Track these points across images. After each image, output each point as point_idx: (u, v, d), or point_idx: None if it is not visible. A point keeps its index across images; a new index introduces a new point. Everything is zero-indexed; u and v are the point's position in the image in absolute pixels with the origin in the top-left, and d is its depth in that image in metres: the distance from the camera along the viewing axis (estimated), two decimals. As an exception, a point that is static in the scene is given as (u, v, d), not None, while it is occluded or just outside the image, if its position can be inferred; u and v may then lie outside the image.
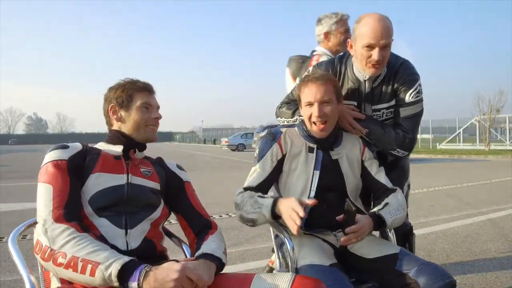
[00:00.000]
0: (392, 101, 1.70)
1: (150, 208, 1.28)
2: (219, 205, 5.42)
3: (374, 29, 1.50)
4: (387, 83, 1.68)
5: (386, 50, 1.55)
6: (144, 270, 1.01)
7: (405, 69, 1.68)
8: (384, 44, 1.52)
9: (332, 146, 1.56)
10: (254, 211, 1.40)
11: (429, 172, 10.48)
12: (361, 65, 1.61)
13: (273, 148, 1.53)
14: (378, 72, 1.62)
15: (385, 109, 1.72)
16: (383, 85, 1.68)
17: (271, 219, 1.38)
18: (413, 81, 1.66)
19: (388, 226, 1.44)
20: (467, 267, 2.88)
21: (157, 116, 1.36)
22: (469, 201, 5.63)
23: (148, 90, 1.35)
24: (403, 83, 1.66)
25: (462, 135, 22.52)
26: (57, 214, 1.09)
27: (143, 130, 1.33)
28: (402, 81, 1.66)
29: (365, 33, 1.52)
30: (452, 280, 1.24)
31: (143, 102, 1.32)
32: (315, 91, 1.45)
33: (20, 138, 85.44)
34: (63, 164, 1.19)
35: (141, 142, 1.35)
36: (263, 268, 2.70)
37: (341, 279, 1.27)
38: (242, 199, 1.46)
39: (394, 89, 1.68)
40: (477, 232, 3.91)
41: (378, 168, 1.60)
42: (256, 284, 1.11)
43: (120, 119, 1.33)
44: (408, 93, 1.65)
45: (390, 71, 1.66)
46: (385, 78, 1.67)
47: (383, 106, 1.72)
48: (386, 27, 1.52)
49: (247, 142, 25.51)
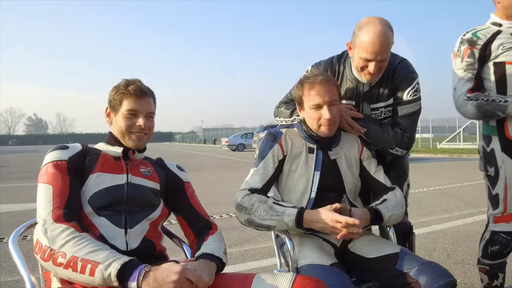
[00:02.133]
0: (390, 99, 1.71)
1: (149, 208, 1.28)
2: (219, 205, 5.42)
3: (373, 45, 1.49)
4: (385, 82, 1.69)
5: (383, 62, 1.56)
6: (143, 270, 1.01)
7: (403, 68, 1.68)
8: (382, 58, 1.53)
9: (331, 146, 1.56)
10: (272, 218, 1.39)
11: (429, 171, 10.48)
12: (357, 71, 1.63)
13: (274, 148, 1.53)
14: (373, 80, 1.64)
15: (383, 107, 1.73)
16: (381, 84, 1.69)
17: (295, 227, 1.39)
18: (411, 80, 1.66)
19: (385, 221, 1.43)
20: (468, 266, 2.88)
21: (141, 124, 1.28)
22: (469, 200, 5.63)
23: (138, 95, 1.28)
24: (401, 82, 1.66)
25: (462, 134, 22.50)
26: (57, 214, 1.09)
27: (127, 137, 1.29)
28: (400, 79, 1.67)
29: (363, 46, 1.51)
30: (452, 279, 1.24)
31: (128, 108, 1.27)
32: (323, 93, 1.45)
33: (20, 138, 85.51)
34: (63, 165, 1.19)
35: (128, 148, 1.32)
36: (264, 268, 2.70)
37: (342, 278, 1.27)
38: (251, 203, 1.42)
39: (392, 88, 1.69)
40: (477, 231, 3.90)
41: (377, 167, 1.60)
42: (257, 284, 1.11)
43: (112, 122, 1.32)
44: (406, 91, 1.66)
45: (388, 70, 1.66)
46: (383, 77, 1.68)
47: (381, 105, 1.73)
48: (385, 43, 1.50)
49: (247, 142, 25.49)
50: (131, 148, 1.32)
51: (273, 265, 2.85)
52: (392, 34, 1.54)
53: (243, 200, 1.44)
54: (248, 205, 1.42)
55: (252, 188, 1.48)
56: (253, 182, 1.49)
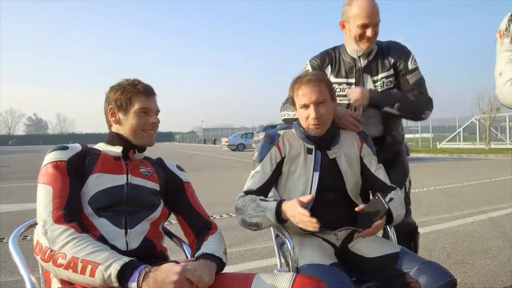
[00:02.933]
0: (390, 70, 1.85)
1: (149, 208, 1.28)
2: (219, 205, 5.42)
3: (366, 9, 1.70)
4: (382, 56, 1.85)
5: (377, 27, 1.75)
6: (143, 271, 1.01)
7: (396, 44, 1.90)
8: (376, 22, 1.72)
9: (330, 145, 1.55)
10: (258, 214, 1.39)
11: (430, 171, 10.49)
12: (355, 43, 1.77)
13: (272, 151, 1.53)
14: (371, 46, 1.80)
15: (385, 78, 1.84)
16: (378, 58, 1.85)
17: (276, 223, 1.36)
18: (408, 51, 1.86)
19: (394, 220, 1.44)
20: (468, 266, 2.88)
21: (154, 121, 1.33)
22: (469, 200, 5.63)
23: (147, 93, 1.32)
24: (400, 55, 1.84)
25: (462, 134, 22.51)
26: (57, 215, 1.09)
27: (139, 135, 1.31)
28: (398, 53, 1.85)
29: (359, 14, 1.71)
30: (452, 279, 1.24)
31: (141, 106, 1.30)
32: (309, 93, 1.45)
33: (20, 139, 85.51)
34: (63, 165, 1.18)
35: (139, 146, 1.34)
36: (264, 268, 2.70)
37: (342, 278, 1.27)
38: (244, 203, 1.44)
39: (390, 61, 1.84)
40: (477, 231, 3.91)
41: (377, 165, 1.59)
42: (257, 284, 1.11)
43: (119, 121, 1.32)
44: (408, 61, 1.84)
45: (380, 48, 1.85)
46: (378, 53, 1.85)
47: (382, 75, 1.84)
48: (376, 8, 1.73)
49: (247, 142, 25.49)
50: (142, 145, 1.34)
51: (273, 265, 2.85)
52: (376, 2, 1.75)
53: (237, 201, 1.46)
54: (241, 206, 1.44)
55: (249, 190, 1.48)
56: (250, 185, 1.50)
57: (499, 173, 9.19)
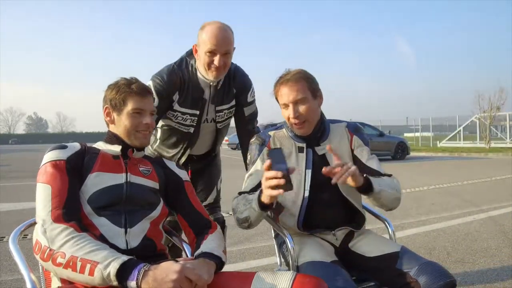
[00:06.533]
0: (232, 101, 1.93)
1: (149, 207, 1.28)
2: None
3: (214, 36, 1.64)
4: (228, 86, 1.89)
5: (227, 57, 1.71)
6: (142, 269, 1.01)
7: (241, 74, 1.94)
8: (225, 50, 1.68)
9: (319, 142, 1.55)
10: (246, 208, 1.38)
11: (430, 170, 10.49)
12: (204, 71, 1.74)
13: (263, 152, 1.53)
14: (220, 76, 1.77)
15: (227, 109, 1.93)
16: (224, 88, 1.88)
17: (259, 210, 1.30)
18: (249, 84, 1.96)
19: (374, 191, 1.34)
20: (468, 265, 2.88)
21: (148, 122, 1.29)
22: (469, 199, 5.63)
23: (142, 94, 1.29)
24: (243, 87, 1.93)
25: (463, 133, 22.47)
26: (56, 214, 1.09)
27: (133, 135, 1.29)
28: (241, 85, 1.92)
29: (207, 40, 1.65)
30: (452, 280, 1.24)
31: (134, 107, 1.28)
32: (288, 92, 1.45)
33: (20, 137, 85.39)
34: (62, 164, 1.18)
35: (133, 146, 1.32)
36: (264, 267, 2.70)
37: (342, 275, 1.27)
38: (237, 202, 1.45)
39: (233, 91, 1.91)
40: (477, 230, 3.91)
41: (369, 156, 1.55)
42: (257, 282, 1.10)
43: (113, 121, 1.31)
44: (248, 94, 1.95)
45: (228, 75, 1.85)
46: (225, 82, 1.86)
47: (225, 107, 1.92)
48: (226, 35, 1.68)
49: (248, 140, 25.41)
50: (136, 146, 1.32)
51: (274, 263, 2.85)
52: (232, 33, 1.72)
53: (232, 203, 1.48)
54: (235, 205, 1.46)
55: (243, 192, 1.49)
56: (245, 187, 1.51)
57: (499, 172, 9.19)
